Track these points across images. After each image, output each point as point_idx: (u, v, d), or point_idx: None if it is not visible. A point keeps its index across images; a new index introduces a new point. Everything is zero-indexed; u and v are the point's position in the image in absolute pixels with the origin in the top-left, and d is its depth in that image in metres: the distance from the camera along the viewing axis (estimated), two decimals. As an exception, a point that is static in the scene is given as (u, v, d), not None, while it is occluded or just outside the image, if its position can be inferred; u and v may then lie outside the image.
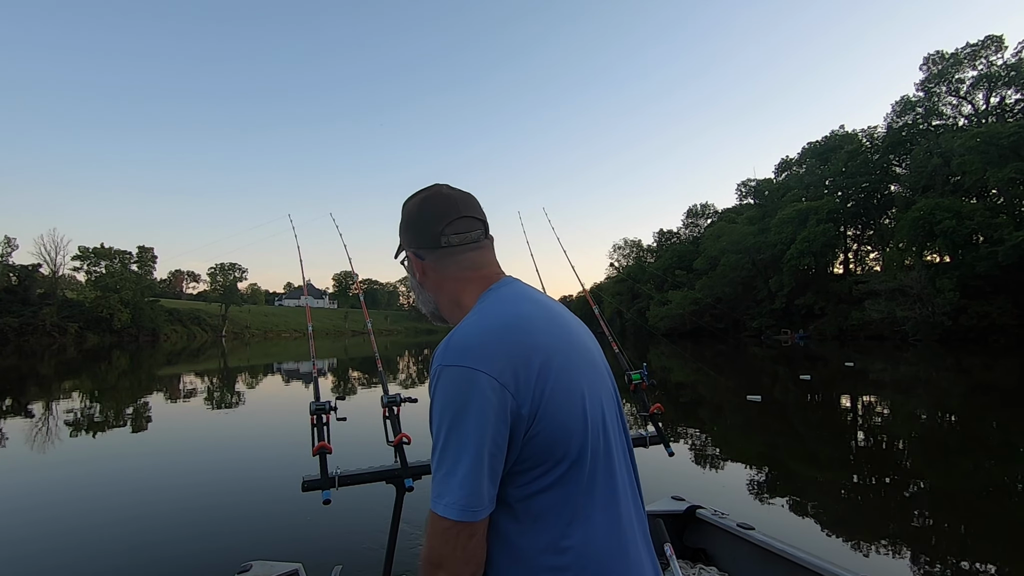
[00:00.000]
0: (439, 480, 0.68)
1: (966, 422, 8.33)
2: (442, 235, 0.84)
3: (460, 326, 0.74)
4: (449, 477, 0.67)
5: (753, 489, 4.72)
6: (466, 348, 0.70)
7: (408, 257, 0.90)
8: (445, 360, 0.70)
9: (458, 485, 0.67)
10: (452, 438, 0.68)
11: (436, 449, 0.69)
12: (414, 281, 0.92)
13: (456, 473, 0.67)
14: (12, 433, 7.34)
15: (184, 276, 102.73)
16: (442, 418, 0.69)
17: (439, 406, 0.69)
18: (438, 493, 0.68)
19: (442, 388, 0.69)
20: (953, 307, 29.55)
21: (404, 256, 0.92)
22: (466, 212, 0.86)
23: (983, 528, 3.90)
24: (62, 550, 3.48)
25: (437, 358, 0.71)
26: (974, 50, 36.09)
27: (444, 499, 0.67)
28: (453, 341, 0.71)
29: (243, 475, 5.25)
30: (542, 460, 0.70)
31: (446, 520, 0.67)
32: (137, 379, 16.74)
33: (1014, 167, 28.37)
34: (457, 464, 0.67)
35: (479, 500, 0.67)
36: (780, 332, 42.87)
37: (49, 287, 53.96)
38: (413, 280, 0.92)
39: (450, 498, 0.67)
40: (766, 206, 50.50)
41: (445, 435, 0.68)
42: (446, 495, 0.67)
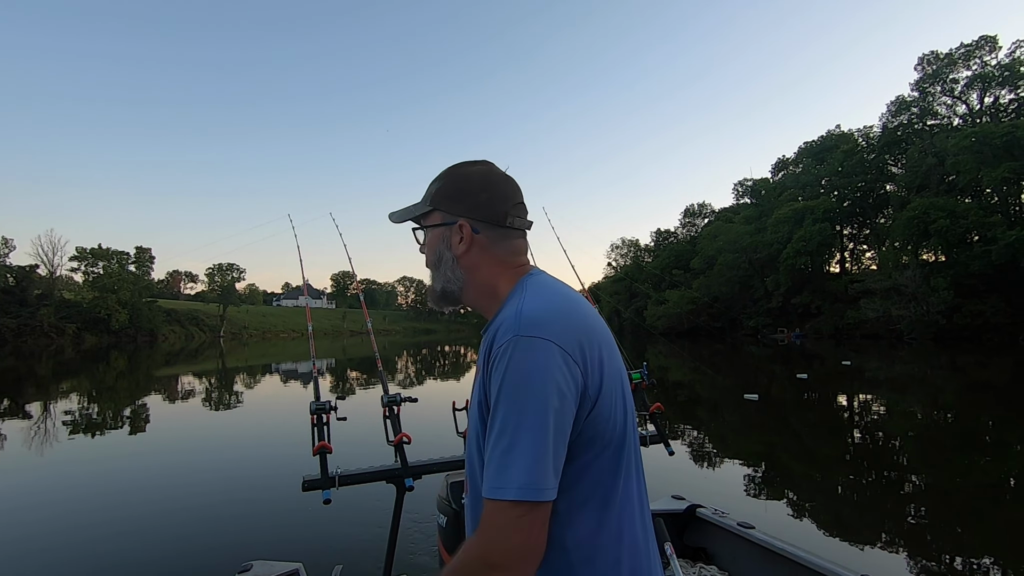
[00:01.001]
0: (506, 458, 0.62)
1: (961, 420, 8.41)
2: (508, 215, 0.80)
3: (525, 303, 0.71)
4: (520, 453, 0.62)
5: (753, 488, 4.75)
6: (542, 321, 0.67)
7: (455, 227, 0.80)
8: (520, 331, 0.66)
9: (534, 461, 0.62)
10: (528, 410, 0.63)
11: (507, 423, 0.64)
12: (445, 252, 0.82)
13: (529, 449, 0.62)
14: (10, 434, 7.33)
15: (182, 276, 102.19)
16: (517, 389, 0.64)
17: (514, 377, 0.64)
18: (504, 471, 0.62)
19: (519, 358, 0.65)
20: (947, 306, 29.69)
21: (438, 222, 0.82)
22: (522, 198, 0.84)
23: (979, 525, 3.95)
24: (62, 550, 3.48)
25: (507, 330, 0.68)
26: (968, 50, 36.25)
27: (513, 478, 0.61)
28: (525, 315, 0.68)
29: (243, 475, 5.26)
30: (592, 444, 0.69)
31: (516, 504, 0.61)
32: (135, 380, 16.72)
33: (1007, 167, 28.55)
34: (533, 438, 0.62)
35: (550, 478, 0.63)
36: (777, 331, 42.98)
37: (47, 288, 53.65)
38: (443, 251, 0.82)
39: (522, 477, 0.61)
40: (763, 206, 50.65)
41: (519, 408, 0.63)
42: (515, 474, 0.61)
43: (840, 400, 10.54)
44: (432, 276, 0.85)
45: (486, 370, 0.70)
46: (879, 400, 10.31)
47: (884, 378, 14.26)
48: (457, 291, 0.83)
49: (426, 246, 0.85)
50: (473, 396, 0.77)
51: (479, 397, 0.73)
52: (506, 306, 0.75)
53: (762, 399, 9.66)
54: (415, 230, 0.87)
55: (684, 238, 65.00)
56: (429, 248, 0.85)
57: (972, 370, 15.85)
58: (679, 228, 68.37)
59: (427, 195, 0.84)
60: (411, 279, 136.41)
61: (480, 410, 0.73)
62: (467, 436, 0.80)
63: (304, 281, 2.88)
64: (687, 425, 7.60)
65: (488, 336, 0.73)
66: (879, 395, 10.98)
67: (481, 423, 0.72)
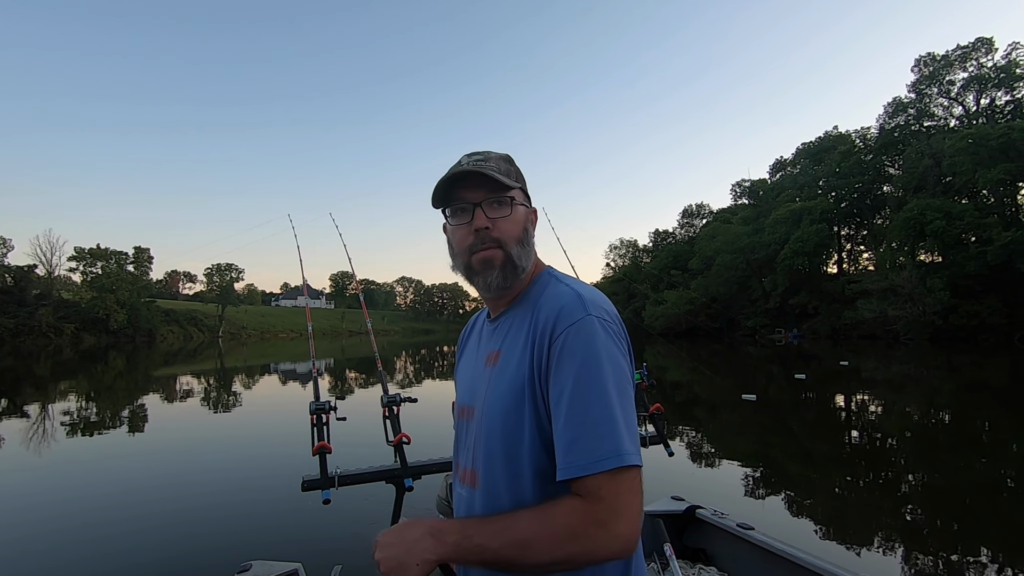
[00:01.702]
0: (604, 427, 0.64)
1: (957, 420, 8.44)
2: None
3: (578, 287, 0.75)
4: (618, 422, 0.64)
5: (752, 489, 4.75)
6: (602, 303, 0.72)
7: (531, 212, 0.85)
8: (591, 310, 0.69)
9: (628, 428, 0.65)
10: (614, 382, 0.66)
11: (596, 395, 0.65)
12: (530, 230, 0.83)
13: (622, 418, 0.65)
14: (9, 435, 7.29)
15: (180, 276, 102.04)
16: (601, 363, 0.66)
17: (596, 351, 0.66)
18: (607, 440, 0.63)
19: (600, 334, 0.68)
20: (944, 306, 29.81)
21: (523, 201, 0.83)
22: None
23: (975, 524, 3.95)
24: (61, 551, 3.48)
25: (577, 308, 0.70)
26: (965, 52, 36.41)
27: (623, 446, 0.63)
28: (588, 298, 0.72)
29: (243, 475, 5.25)
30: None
31: (633, 469, 0.64)
32: (134, 380, 16.68)
33: (1003, 168, 28.67)
34: (625, 408, 0.66)
35: (638, 444, 0.67)
36: (774, 331, 43.10)
37: (45, 288, 53.53)
38: (530, 229, 0.83)
39: (627, 444, 0.64)
40: (760, 206, 50.74)
41: (606, 380, 0.66)
42: (622, 441, 0.64)
43: (838, 401, 10.56)
44: (515, 252, 0.79)
45: (547, 343, 0.70)
46: (876, 400, 10.34)
47: (881, 378, 14.30)
48: (524, 271, 0.81)
49: (512, 221, 0.80)
50: (507, 375, 0.75)
51: (525, 373, 0.72)
52: (548, 289, 0.77)
53: (760, 399, 9.67)
54: (510, 197, 0.80)
55: (682, 238, 65.09)
56: (517, 223, 0.80)
57: (968, 370, 15.90)
58: (677, 229, 68.50)
59: (506, 171, 0.81)
60: (410, 279, 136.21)
61: (523, 386, 0.72)
62: (485, 419, 0.77)
63: (304, 281, 2.87)
64: (686, 426, 7.61)
65: (543, 312, 0.73)
66: (876, 395, 11.01)
67: (525, 400, 0.71)
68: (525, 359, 0.73)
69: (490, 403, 0.76)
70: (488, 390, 0.78)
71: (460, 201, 0.79)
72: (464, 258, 0.80)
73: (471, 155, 0.81)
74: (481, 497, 0.76)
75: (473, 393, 0.83)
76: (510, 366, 0.75)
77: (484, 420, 0.77)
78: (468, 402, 0.84)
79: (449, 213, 0.81)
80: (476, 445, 0.78)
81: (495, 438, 0.74)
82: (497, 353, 0.79)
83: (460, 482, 0.83)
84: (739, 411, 8.77)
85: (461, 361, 0.96)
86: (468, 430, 0.82)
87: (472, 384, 0.85)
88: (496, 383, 0.76)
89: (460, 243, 0.80)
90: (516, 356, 0.74)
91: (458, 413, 0.88)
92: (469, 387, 0.85)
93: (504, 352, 0.78)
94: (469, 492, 0.79)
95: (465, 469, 0.82)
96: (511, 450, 0.72)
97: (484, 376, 0.80)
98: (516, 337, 0.76)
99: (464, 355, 0.96)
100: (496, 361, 0.79)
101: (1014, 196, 32.13)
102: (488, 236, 0.77)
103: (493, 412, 0.75)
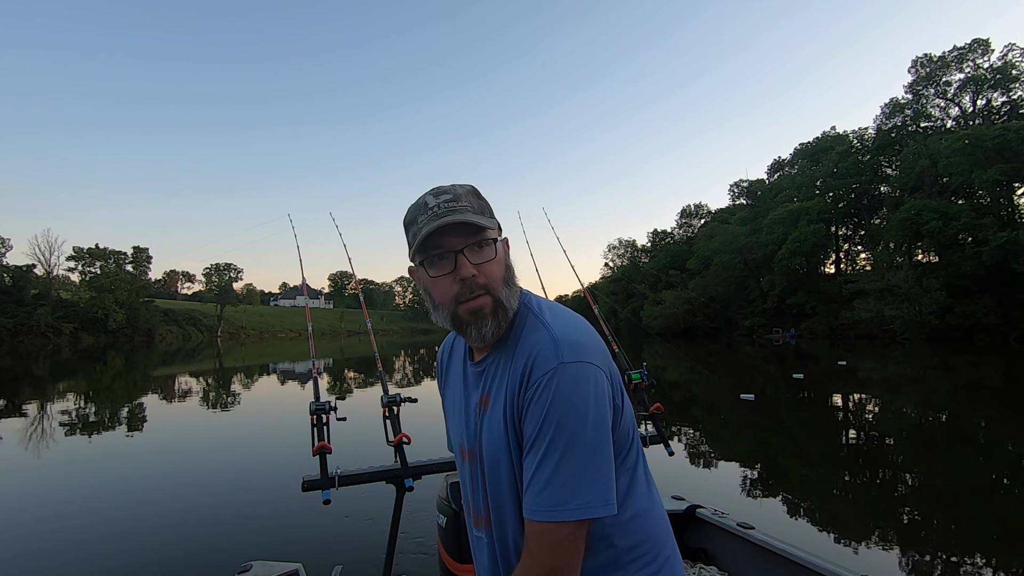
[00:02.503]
0: (568, 480, 0.64)
1: (953, 419, 8.46)
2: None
3: (553, 328, 0.71)
4: (580, 475, 0.65)
5: (751, 488, 4.77)
6: (580, 345, 0.69)
7: (505, 242, 0.80)
8: (564, 357, 0.67)
9: (604, 479, 0.65)
10: (581, 436, 0.65)
11: (558, 448, 0.65)
12: (511, 266, 0.79)
13: (587, 471, 0.65)
14: (7, 435, 7.24)
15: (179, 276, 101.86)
16: (567, 416, 0.65)
17: (566, 404, 0.66)
18: (569, 493, 0.64)
19: (567, 385, 0.66)
20: (940, 306, 29.92)
21: (500, 236, 0.79)
22: None
23: (972, 523, 3.98)
24: (61, 551, 3.47)
25: (550, 357, 0.68)
26: (961, 53, 36.52)
27: (580, 499, 0.64)
28: (562, 340, 0.69)
29: (243, 475, 5.24)
30: (620, 449, 0.73)
31: (579, 524, 0.64)
32: (133, 380, 16.64)
33: (999, 169, 28.79)
34: (599, 459, 0.66)
35: (613, 492, 0.66)
36: (772, 331, 43.22)
37: (43, 288, 53.44)
38: (511, 264, 0.79)
39: (588, 497, 0.64)
40: (758, 207, 50.86)
41: (572, 433, 0.65)
42: (579, 495, 0.64)
43: (836, 400, 10.52)
44: (504, 296, 0.75)
45: (520, 393, 0.70)
46: (874, 400, 10.34)
47: (878, 378, 14.34)
48: (512, 311, 0.76)
49: (495, 263, 0.75)
50: (497, 423, 0.74)
51: (509, 423, 0.72)
52: (526, 332, 0.74)
53: (759, 399, 9.67)
54: (492, 239, 0.75)
55: (680, 239, 65.19)
56: (500, 264, 0.76)
57: (964, 370, 15.94)
58: (676, 229, 68.62)
59: (479, 207, 0.76)
60: (408, 279, 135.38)
61: (510, 435, 0.72)
62: (488, 467, 0.77)
63: (303, 281, 2.84)
64: (685, 425, 7.61)
65: (520, 360, 0.71)
66: (874, 395, 11.02)
67: (511, 449, 0.72)
68: (508, 408, 0.72)
69: (488, 451, 0.76)
70: (485, 437, 0.76)
71: (439, 248, 0.73)
72: (449, 308, 0.75)
73: (439, 194, 0.75)
74: (495, 540, 0.77)
75: (470, 436, 0.81)
76: (498, 415, 0.74)
77: (488, 467, 0.76)
78: (468, 445, 0.82)
79: (428, 263, 0.74)
80: (483, 489, 0.79)
81: (499, 486, 0.75)
82: (488, 398, 0.78)
83: (475, 525, 0.83)
84: (738, 411, 8.77)
85: (447, 396, 0.93)
86: (474, 474, 0.81)
87: (467, 426, 0.83)
88: (490, 429, 0.76)
89: (443, 294, 0.74)
90: (501, 405, 0.74)
91: (459, 453, 0.87)
92: (465, 429, 0.83)
93: (493, 399, 0.77)
94: (486, 535, 0.79)
95: (478, 513, 0.81)
96: (514, 495, 0.73)
97: (478, 420, 0.79)
98: (501, 383, 0.75)
99: (449, 389, 0.92)
100: (488, 407, 0.77)
101: (1010, 197, 32.27)
102: (476, 284, 0.72)
103: (492, 461, 0.75)
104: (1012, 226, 29.81)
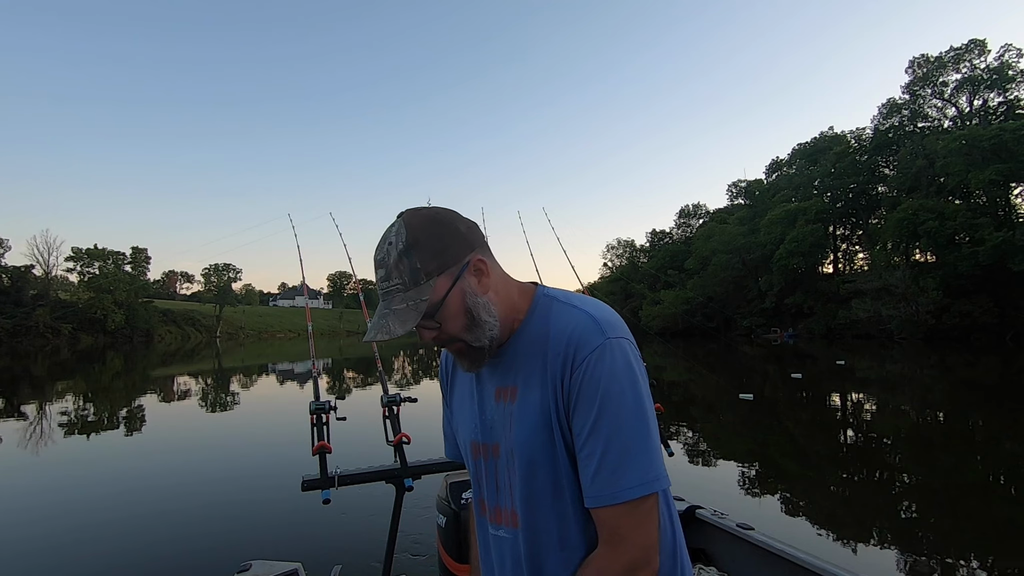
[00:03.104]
0: (628, 457, 0.64)
1: (951, 418, 8.49)
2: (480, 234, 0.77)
3: (590, 309, 0.72)
4: (648, 449, 0.65)
5: (752, 488, 4.76)
6: (617, 324, 0.70)
7: (470, 267, 0.72)
8: (608, 333, 0.68)
9: (657, 452, 0.66)
10: (640, 409, 0.66)
11: (624, 424, 0.65)
12: (476, 300, 0.72)
13: (651, 443, 0.66)
14: (6, 435, 7.24)
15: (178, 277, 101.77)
16: (624, 388, 0.66)
17: (622, 378, 0.66)
18: (632, 469, 0.64)
19: (619, 360, 0.67)
20: (936, 306, 30.10)
21: (450, 283, 0.71)
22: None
23: (968, 521, 3.98)
24: (60, 551, 3.46)
25: (594, 334, 0.68)
26: (958, 54, 36.69)
27: (653, 472, 0.65)
28: (600, 318, 0.70)
29: (243, 475, 5.24)
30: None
31: (653, 496, 0.65)
32: (131, 380, 16.63)
33: (995, 169, 28.96)
34: (649, 434, 0.66)
35: (664, 466, 0.67)
36: (770, 331, 43.37)
37: (42, 288, 53.40)
38: (474, 301, 0.72)
39: (653, 469, 0.65)
40: (756, 207, 51.01)
41: (632, 407, 0.66)
42: (652, 468, 0.65)
43: (834, 400, 10.54)
44: (470, 338, 0.72)
45: (568, 376, 0.68)
46: (871, 400, 10.37)
47: (876, 378, 14.37)
48: (498, 331, 0.73)
49: (449, 318, 0.71)
50: (532, 411, 0.71)
51: (549, 408, 0.70)
52: (557, 315, 0.73)
53: (757, 399, 9.69)
54: (435, 305, 0.70)
55: (679, 239, 65.32)
56: (455, 315, 0.71)
57: (960, 369, 16.02)
58: (674, 229, 68.73)
59: (410, 274, 0.69)
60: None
61: (550, 421, 0.70)
62: (518, 458, 0.73)
63: (303, 281, 2.86)
64: (684, 425, 7.60)
65: (557, 344, 0.70)
66: (871, 394, 11.05)
67: (555, 435, 0.70)
68: (547, 393, 0.70)
69: (520, 441, 0.72)
70: (514, 427, 0.73)
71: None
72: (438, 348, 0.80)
73: (377, 267, 0.72)
74: (524, 537, 0.74)
75: (489, 430, 0.78)
76: (532, 402, 0.71)
77: (517, 458, 0.73)
78: (486, 439, 0.79)
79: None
80: (510, 484, 0.75)
81: (533, 477, 0.72)
82: (512, 389, 0.75)
83: (494, 523, 0.79)
84: (737, 411, 8.79)
85: (455, 393, 0.90)
86: (495, 469, 0.78)
87: (484, 420, 0.79)
88: (521, 420, 0.72)
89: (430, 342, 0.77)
90: (536, 391, 0.71)
91: (472, 450, 0.82)
92: (480, 423, 0.80)
93: (521, 388, 0.73)
94: (511, 533, 0.76)
95: (501, 509, 0.77)
96: (551, 488, 0.71)
97: (500, 413, 0.76)
98: (531, 371, 0.73)
99: (456, 386, 0.89)
100: (514, 397, 0.74)
101: (1006, 196, 32.41)
102: (442, 340, 0.73)
103: (526, 450, 0.72)
104: (1008, 226, 29.95)
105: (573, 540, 0.71)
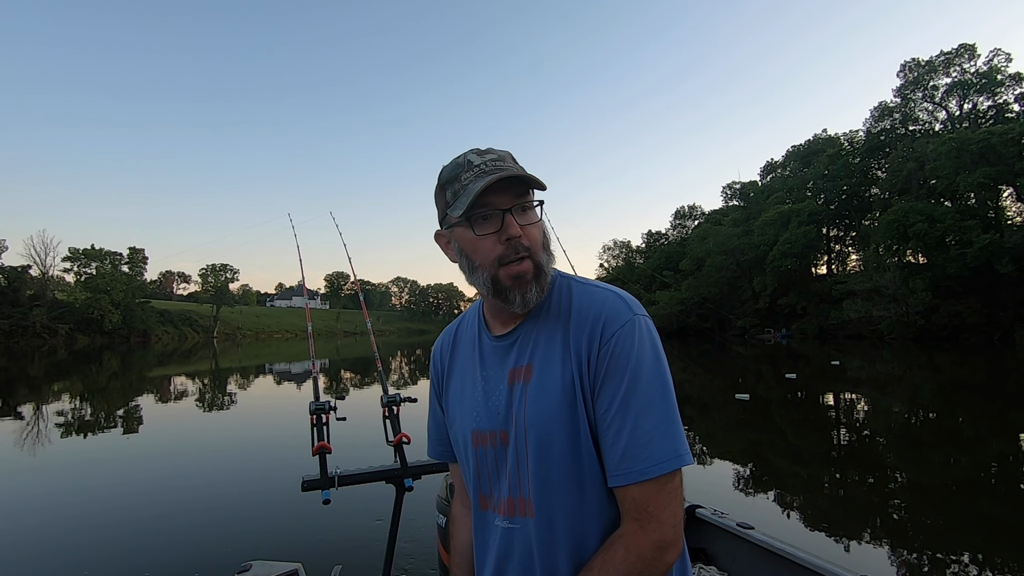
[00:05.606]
0: (662, 429, 0.63)
1: (940, 417, 8.60)
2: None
3: (611, 288, 0.73)
4: (672, 422, 0.65)
5: (750, 487, 4.78)
6: (639, 303, 0.71)
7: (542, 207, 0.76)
8: (637, 310, 0.69)
9: (682, 429, 0.66)
10: (667, 385, 0.66)
11: (653, 396, 0.64)
12: (547, 232, 0.76)
13: (676, 417, 0.66)
14: (3, 436, 7.21)
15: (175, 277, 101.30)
16: (655, 363, 0.66)
17: (651, 352, 0.66)
18: (664, 442, 0.63)
19: (647, 336, 0.67)
20: (926, 307, 30.42)
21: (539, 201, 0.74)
22: None
23: (961, 519, 4.06)
24: (60, 552, 3.45)
25: (623, 310, 0.68)
26: (948, 58, 37.09)
27: (679, 446, 0.64)
28: (626, 298, 0.70)
29: (242, 475, 5.24)
30: None
31: (680, 473, 0.65)
32: (129, 380, 16.52)
33: (983, 172, 29.29)
34: (675, 410, 0.66)
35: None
36: (764, 331, 43.67)
37: (39, 288, 53.07)
38: (546, 230, 0.75)
39: (682, 444, 0.64)
40: (751, 208, 51.37)
41: (661, 383, 0.66)
42: (677, 442, 0.64)
43: (828, 399, 10.60)
44: (544, 261, 0.72)
45: (596, 352, 0.67)
46: (864, 399, 10.44)
47: (867, 377, 14.46)
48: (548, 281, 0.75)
49: (539, 226, 0.73)
50: (552, 390, 0.69)
51: (574, 385, 0.68)
52: (578, 293, 0.73)
53: (753, 399, 9.76)
54: (538, 201, 0.73)
55: (674, 240, 65.58)
56: (541, 229, 0.73)
57: (949, 369, 16.18)
58: (669, 230, 69.02)
59: (520, 169, 0.71)
60: (405, 279, 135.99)
61: (574, 399, 0.68)
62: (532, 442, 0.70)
63: (302, 280, 2.82)
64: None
65: (583, 320, 0.69)
66: (863, 394, 11.13)
67: (578, 414, 0.68)
68: (570, 368, 0.68)
69: (535, 424, 0.69)
70: (528, 409, 0.70)
71: (485, 207, 0.69)
72: (491, 271, 0.71)
73: (482, 154, 0.72)
74: (538, 526, 0.70)
75: (496, 416, 0.74)
76: (552, 379, 0.69)
77: (531, 440, 0.69)
78: (491, 427, 0.75)
79: (472, 221, 0.70)
80: (520, 471, 0.71)
81: (549, 459, 0.68)
82: (527, 368, 0.72)
83: (500, 513, 0.74)
84: (733, 411, 8.84)
85: (452, 385, 0.85)
86: (501, 457, 0.74)
87: (489, 407, 0.75)
88: (537, 400, 0.69)
89: (486, 255, 0.70)
90: (557, 369, 0.69)
91: (472, 440, 0.77)
92: (485, 411, 0.76)
93: (538, 366, 0.71)
94: (521, 522, 0.71)
95: (509, 499, 0.72)
96: (570, 470, 0.68)
97: (512, 395, 0.72)
98: (549, 348, 0.71)
99: (455, 378, 0.84)
100: (528, 377, 0.71)
101: (995, 199, 32.79)
102: (520, 246, 0.69)
103: (543, 432, 0.69)
104: (996, 228, 30.34)
105: (589, 529, 0.68)
